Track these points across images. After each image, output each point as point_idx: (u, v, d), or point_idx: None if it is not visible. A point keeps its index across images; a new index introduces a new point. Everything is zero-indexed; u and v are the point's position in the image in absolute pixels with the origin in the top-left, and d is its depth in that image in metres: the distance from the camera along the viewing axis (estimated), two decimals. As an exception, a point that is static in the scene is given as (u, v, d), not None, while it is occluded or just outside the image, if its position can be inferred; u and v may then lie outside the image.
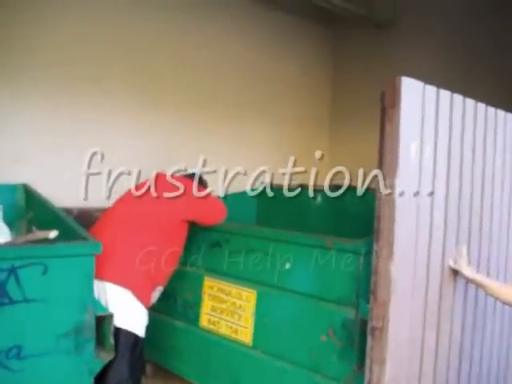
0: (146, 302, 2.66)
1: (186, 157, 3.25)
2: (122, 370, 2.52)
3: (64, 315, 2.12)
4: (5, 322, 2.00)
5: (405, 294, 2.07)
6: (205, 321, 2.95)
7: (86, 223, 2.67)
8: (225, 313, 2.85)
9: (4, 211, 2.83)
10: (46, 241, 2.24)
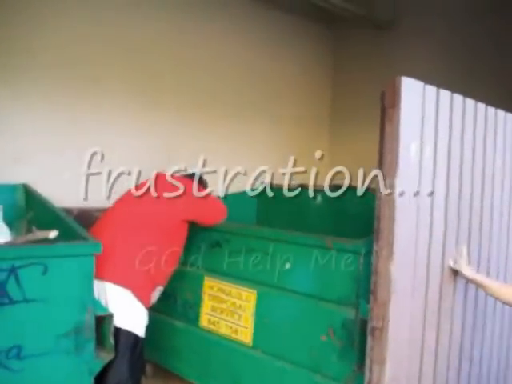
0: (146, 302, 2.66)
1: (186, 156, 3.25)
2: (122, 369, 2.52)
3: (64, 315, 2.12)
4: (5, 322, 2.00)
5: (405, 293, 2.07)
6: (205, 321, 2.95)
7: (86, 223, 2.67)
8: (225, 313, 2.85)
9: (4, 211, 2.82)
10: (46, 241, 2.24)
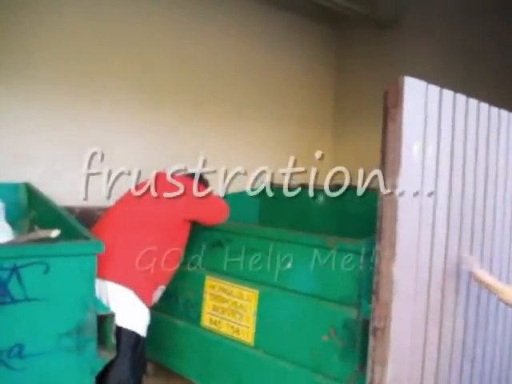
0: (148, 302, 2.66)
1: (187, 155, 3.24)
2: (124, 369, 2.52)
3: (66, 314, 2.11)
4: (7, 320, 2.00)
5: (407, 294, 2.07)
6: (206, 320, 2.95)
7: (88, 222, 2.67)
8: (226, 312, 2.84)
9: (6, 210, 2.82)
10: (48, 240, 2.24)
